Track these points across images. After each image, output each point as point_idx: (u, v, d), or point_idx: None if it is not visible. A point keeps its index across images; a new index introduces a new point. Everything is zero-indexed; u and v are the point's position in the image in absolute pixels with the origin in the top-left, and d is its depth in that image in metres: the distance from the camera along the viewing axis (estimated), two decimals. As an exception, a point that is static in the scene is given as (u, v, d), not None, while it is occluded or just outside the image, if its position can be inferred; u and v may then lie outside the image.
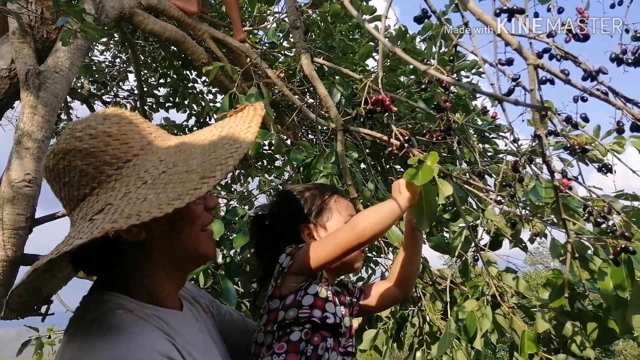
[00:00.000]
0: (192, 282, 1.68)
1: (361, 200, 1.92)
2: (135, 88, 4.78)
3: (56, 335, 2.46)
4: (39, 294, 0.82)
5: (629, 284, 1.13)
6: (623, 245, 1.14)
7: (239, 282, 2.32)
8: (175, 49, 4.19)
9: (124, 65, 5.31)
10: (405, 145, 1.32)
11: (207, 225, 0.90)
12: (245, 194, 3.25)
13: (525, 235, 1.78)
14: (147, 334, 0.72)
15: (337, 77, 2.80)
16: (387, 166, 3.68)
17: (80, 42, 2.29)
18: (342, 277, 1.16)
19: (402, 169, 3.56)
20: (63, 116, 4.48)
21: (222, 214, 2.40)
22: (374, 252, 3.06)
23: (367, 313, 1.20)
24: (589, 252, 1.34)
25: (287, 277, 0.98)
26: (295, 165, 2.42)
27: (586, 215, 1.24)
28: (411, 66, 3.04)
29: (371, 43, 2.94)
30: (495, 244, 1.70)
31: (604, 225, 1.21)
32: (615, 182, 1.39)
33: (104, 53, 5.13)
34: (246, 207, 2.66)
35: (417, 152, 1.26)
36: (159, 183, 0.73)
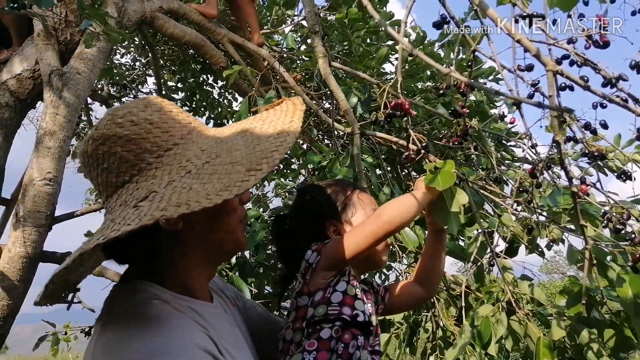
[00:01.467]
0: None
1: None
2: (153, 91, 4.86)
3: (72, 332, 2.49)
4: (67, 281, 0.82)
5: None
6: (642, 253, 1.12)
7: (252, 284, 2.33)
8: (194, 52, 4.26)
9: (144, 69, 5.40)
10: (422, 150, 1.33)
11: (243, 219, 0.90)
12: (261, 196, 3.27)
13: (541, 242, 1.76)
14: (186, 327, 0.72)
15: (354, 83, 2.82)
16: (404, 172, 3.67)
17: (102, 44, 2.34)
18: (366, 274, 1.16)
19: (417, 176, 3.55)
20: (83, 117, 4.57)
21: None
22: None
23: (390, 312, 1.20)
24: (608, 258, 1.32)
25: (316, 273, 0.98)
26: (310, 168, 2.43)
27: (605, 221, 1.23)
28: (428, 72, 3.05)
29: (387, 47, 2.95)
30: (511, 251, 1.69)
31: (622, 232, 1.20)
32: (634, 189, 1.37)
33: (125, 56, 5.23)
34: (261, 209, 2.68)
35: (433, 158, 1.27)
36: (204, 173, 0.73)
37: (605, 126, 1.36)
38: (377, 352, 0.98)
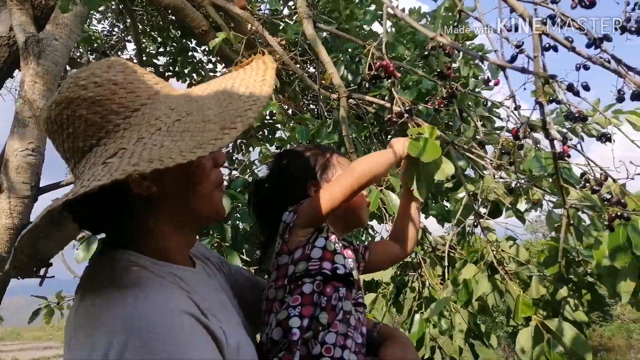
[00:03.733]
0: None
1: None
2: (133, 57, 4.74)
3: (65, 301, 2.52)
4: (35, 255, 0.80)
5: (627, 256, 1.14)
6: (618, 212, 1.16)
7: (244, 252, 2.34)
8: (174, 17, 4.13)
9: (122, 34, 5.25)
10: (405, 115, 1.33)
11: (221, 184, 0.87)
12: (247, 163, 3.27)
13: (521, 206, 1.80)
14: (167, 290, 0.70)
15: (340, 55, 2.77)
16: (388, 138, 3.68)
17: (79, 9, 2.26)
18: (347, 234, 1.17)
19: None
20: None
21: (225, 184, 2.39)
22: (374, 222, 3.09)
23: (371, 270, 1.22)
24: (585, 223, 1.36)
25: (294, 231, 0.98)
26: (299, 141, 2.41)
27: (583, 182, 1.26)
28: (416, 44, 3.01)
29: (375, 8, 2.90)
30: (495, 212, 1.72)
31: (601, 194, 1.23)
32: (613, 150, 1.40)
33: (102, 22, 5.06)
34: (250, 178, 2.67)
35: (418, 121, 1.27)
36: (175, 131, 0.70)
37: (587, 88, 1.37)
38: (360, 304, 1.00)
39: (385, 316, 2.06)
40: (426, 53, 1.43)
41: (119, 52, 5.22)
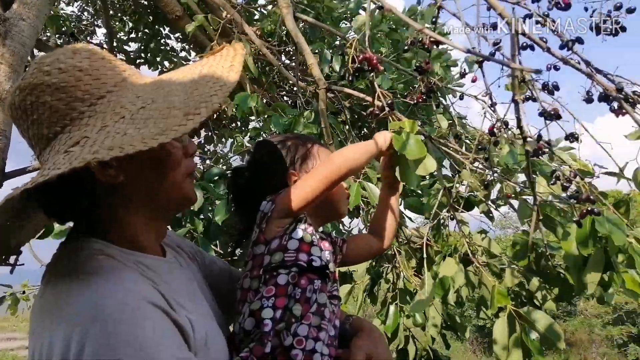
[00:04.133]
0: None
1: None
2: (104, 43, 4.59)
3: (30, 291, 2.44)
4: (5, 244, 0.80)
5: (591, 243, 1.20)
6: (589, 208, 1.20)
7: (217, 244, 2.31)
8: (146, 2, 4.03)
9: (92, 18, 5.08)
10: (386, 108, 1.34)
11: (191, 173, 0.86)
12: (220, 155, 3.22)
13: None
14: (131, 279, 0.70)
15: (325, 45, 2.77)
16: (363, 132, 3.71)
17: (48, -12, 2.17)
18: (325, 225, 1.16)
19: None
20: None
21: (198, 176, 2.35)
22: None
23: (348, 263, 1.22)
24: (554, 213, 1.41)
25: (271, 221, 0.97)
26: (274, 130, 2.39)
27: (554, 179, 1.31)
28: (391, 40, 3.04)
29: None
30: (468, 205, 1.77)
31: (570, 190, 1.28)
32: (580, 149, 1.45)
33: (71, 4, 4.88)
34: (223, 167, 2.64)
35: (398, 116, 1.29)
36: (139, 118, 0.69)
37: (556, 87, 1.42)
38: (335, 297, 1.00)
39: (361, 308, 2.08)
40: (406, 48, 1.44)
41: (89, 37, 5.05)
